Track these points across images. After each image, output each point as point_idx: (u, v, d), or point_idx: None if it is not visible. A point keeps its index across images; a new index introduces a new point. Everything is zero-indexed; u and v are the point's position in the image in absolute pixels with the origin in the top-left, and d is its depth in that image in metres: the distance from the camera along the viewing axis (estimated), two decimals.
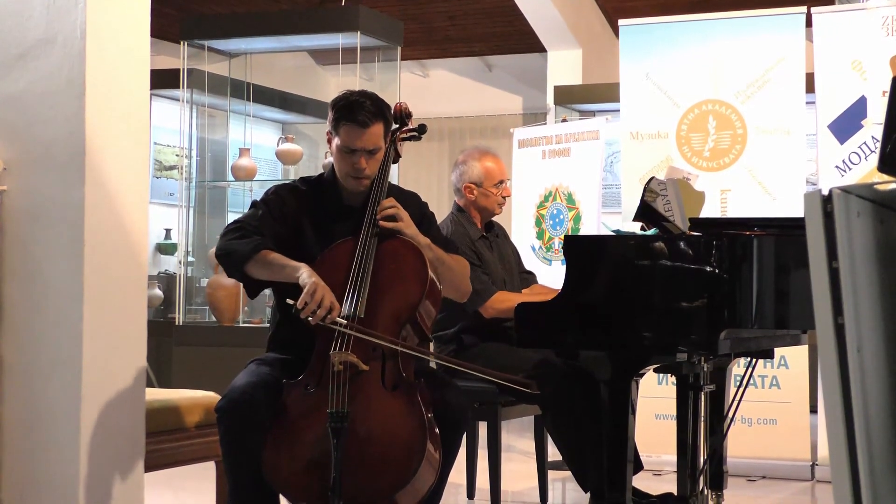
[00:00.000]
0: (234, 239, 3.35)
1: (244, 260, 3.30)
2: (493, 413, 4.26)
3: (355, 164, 3.40)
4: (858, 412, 1.63)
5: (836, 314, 1.64)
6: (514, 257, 4.76)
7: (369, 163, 3.41)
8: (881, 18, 5.38)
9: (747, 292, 3.44)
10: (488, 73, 10.99)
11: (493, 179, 4.57)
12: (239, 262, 3.31)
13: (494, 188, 4.57)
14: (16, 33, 3.40)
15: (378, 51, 7.26)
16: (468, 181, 4.57)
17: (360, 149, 3.39)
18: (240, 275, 3.35)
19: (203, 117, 7.96)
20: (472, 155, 4.64)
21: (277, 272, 3.29)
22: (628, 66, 6.02)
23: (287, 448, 3.14)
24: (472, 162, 4.60)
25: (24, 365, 3.35)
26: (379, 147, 3.42)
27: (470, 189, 4.57)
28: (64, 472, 3.28)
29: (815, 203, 1.66)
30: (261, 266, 3.30)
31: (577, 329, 3.60)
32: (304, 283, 3.17)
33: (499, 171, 4.60)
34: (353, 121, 3.38)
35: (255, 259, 3.29)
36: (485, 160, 4.60)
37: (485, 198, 4.57)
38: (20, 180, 3.38)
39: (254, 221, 3.41)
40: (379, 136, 3.41)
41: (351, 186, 3.46)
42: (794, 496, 5.23)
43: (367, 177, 3.43)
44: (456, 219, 4.57)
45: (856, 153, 5.41)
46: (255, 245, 3.31)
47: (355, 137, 3.38)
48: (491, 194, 4.57)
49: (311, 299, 3.13)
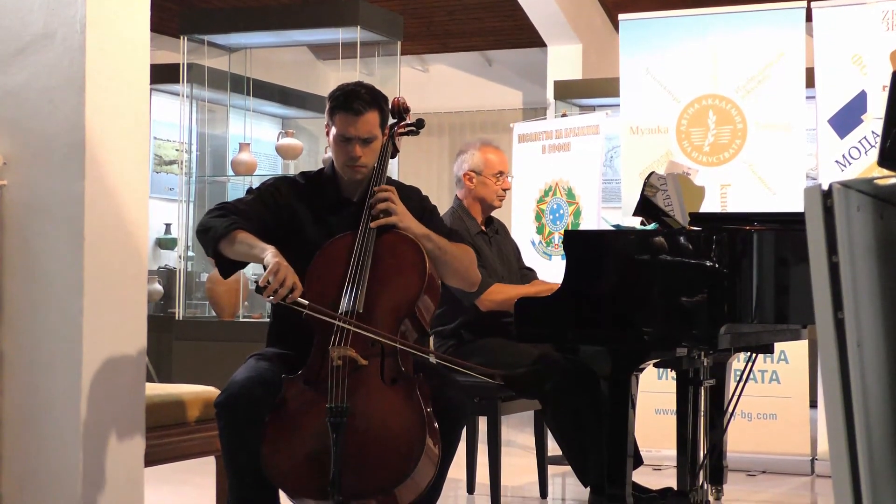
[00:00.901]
0: (213, 217, 3.39)
1: (218, 237, 3.32)
2: (493, 408, 4.26)
3: (350, 153, 3.41)
4: (858, 407, 1.63)
5: (835, 309, 1.64)
6: (514, 254, 4.76)
7: (364, 151, 3.42)
8: (881, 13, 5.37)
9: (747, 287, 3.44)
10: (488, 68, 10.98)
11: (493, 169, 4.58)
12: (213, 240, 3.34)
13: (493, 178, 4.58)
14: (15, 28, 3.39)
15: (378, 45, 7.26)
16: (468, 169, 4.59)
17: (354, 137, 3.40)
18: (213, 252, 3.38)
19: (203, 112, 7.95)
20: (473, 145, 4.67)
21: (246, 252, 3.31)
22: (628, 61, 6.02)
23: (286, 443, 3.14)
24: (473, 150, 4.63)
25: (23, 359, 3.35)
26: (374, 136, 3.42)
27: (469, 177, 4.58)
28: (64, 467, 3.28)
29: (815, 198, 1.66)
30: (232, 244, 3.32)
31: (576, 324, 3.60)
32: (268, 262, 3.18)
33: (499, 162, 4.61)
34: (347, 109, 3.39)
35: (229, 237, 3.31)
36: (486, 150, 4.62)
37: (483, 187, 4.57)
38: (20, 175, 3.37)
39: (241, 205, 3.44)
40: (373, 124, 3.41)
41: (347, 176, 3.47)
42: (794, 491, 5.23)
43: (362, 165, 3.43)
44: (456, 213, 4.58)
45: (856, 148, 5.41)
46: (230, 223, 3.32)
47: (349, 125, 3.39)
48: (489, 183, 4.57)
49: (274, 278, 3.14)
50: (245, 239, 3.31)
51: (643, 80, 5.96)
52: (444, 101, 10.81)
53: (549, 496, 4.84)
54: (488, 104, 10.88)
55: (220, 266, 3.44)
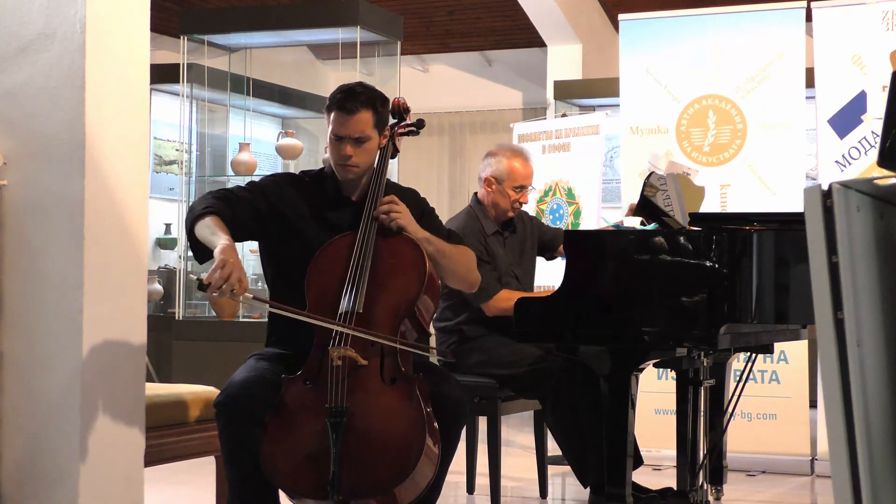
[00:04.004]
0: (203, 198, 3.38)
1: (193, 218, 3.28)
2: (493, 408, 4.27)
3: (341, 152, 3.41)
4: (858, 407, 1.63)
5: (835, 309, 1.64)
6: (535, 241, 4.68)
7: (356, 151, 3.41)
8: (881, 13, 5.38)
9: (747, 287, 3.44)
10: (488, 68, 10.98)
11: (515, 181, 4.50)
12: (190, 219, 3.31)
13: (513, 190, 4.50)
14: (16, 27, 3.39)
15: (378, 45, 7.26)
16: (491, 174, 4.52)
17: (345, 136, 3.40)
18: (188, 233, 3.32)
19: (203, 112, 7.95)
20: (504, 151, 4.58)
21: (207, 238, 3.22)
22: (628, 61, 6.02)
23: (286, 443, 3.14)
24: (501, 157, 4.53)
25: (23, 359, 3.35)
26: (366, 136, 3.41)
27: (489, 182, 4.53)
28: (63, 467, 3.28)
29: (814, 198, 1.66)
30: (202, 228, 3.25)
31: (576, 324, 3.60)
32: (215, 256, 3.11)
33: (523, 176, 4.51)
34: (340, 108, 3.40)
35: (203, 221, 3.25)
36: (514, 160, 4.52)
37: (500, 196, 4.50)
38: (20, 174, 3.37)
39: (237, 190, 3.43)
40: (365, 123, 3.41)
41: (340, 175, 3.47)
42: (794, 491, 5.23)
43: (353, 165, 3.43)
44: (472, 211, 4.53)
45: (856, 148, 5.41)
46: (206, 206, 3.29)
47: (341, 124, 3.40)
48: (508, 195, 4.49)
49: (218, 274, 3.03)
50: (212, 225, 3.23)
51: (643, 80, 5.97)
52: (444, 101, 10.81)
53: (549, 496, 4.84)
54: (488, 104, 10.88)
55: (194, 250, 3.35)
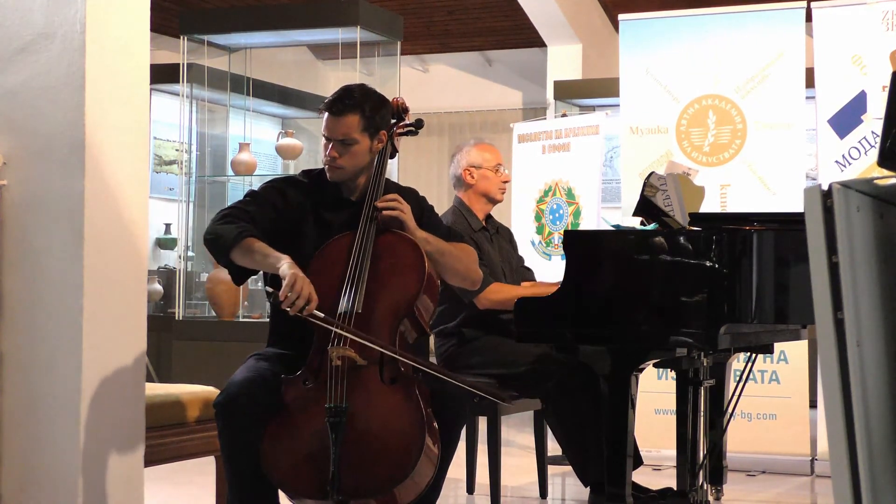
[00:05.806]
0: (222, 224, 3.36)
1: (229, 246, 3.30)
2: (493, 408, 4.26)
3: (327, 153, 3.43)
4: (858, 407, 1.63)
5: (835, 309, 1.64)
6: (514, 254, 4.77)
7: (341, 153, 3.42)
8: (881, 13, 5.38)
9: (747, 287, 3.44)
10: (488, 68, 10.98)
11: (491, 162, 4.61)
12: (224, 248, 3.31)
13: (493, 171, 4.60)
14: (16, 27, 3.39)
15: (378, 45, 7.26)
16: (467, 165, 4.60)
17: (331, 138, 3.41)
18: (225, 260, 3.35)
19: (203, 112, 7.95)
20: (467, 143, 4.72)
21: (260, 261, 3.29)
22: (628, 61, 6.02)
23: (286, 443, 3.14)
24: (467, 148, 4.66)
25: (23, 359, 3.35)
26: (351, 139, 3.42)
27: (470, 172, 4.59)
28: (63, 466, 3.28)
29: (814, 198, 1.66)
30: (244, 253, 3.29)
31: (576, 323, 3.60)
32: (284, 274, 3.17)
33: (494, 157, 4.64)
34: (328, 109, 3.44)
35: (240, 245, 3.29)
36: (478, 146, 4.66)
37: (485, 180, 4.59)
38: (20, 174, 3.37)
39: (247, 208, 3.43)
40: (350, 126, 3.42)
41: (328, 175, 3.48)
42: (794, 491, 5.23)
43: (338, 167, 3.44)
44: (457, 211, 4.58)
45: (856, 148, 5.41)
46: (240, 231, 3.30)
47: (327, 126, 3.44)
48: (490, 176, 4.59)
49: (292, 291, 3.12)
50: (259, 248, 3.28)
51: (643, 80, 5.96)
52: (443, 101, 10.81)
53: (549, 496, 4.84)
54: (488, 104, 10.88)
55: (232, 273, 3.43)
